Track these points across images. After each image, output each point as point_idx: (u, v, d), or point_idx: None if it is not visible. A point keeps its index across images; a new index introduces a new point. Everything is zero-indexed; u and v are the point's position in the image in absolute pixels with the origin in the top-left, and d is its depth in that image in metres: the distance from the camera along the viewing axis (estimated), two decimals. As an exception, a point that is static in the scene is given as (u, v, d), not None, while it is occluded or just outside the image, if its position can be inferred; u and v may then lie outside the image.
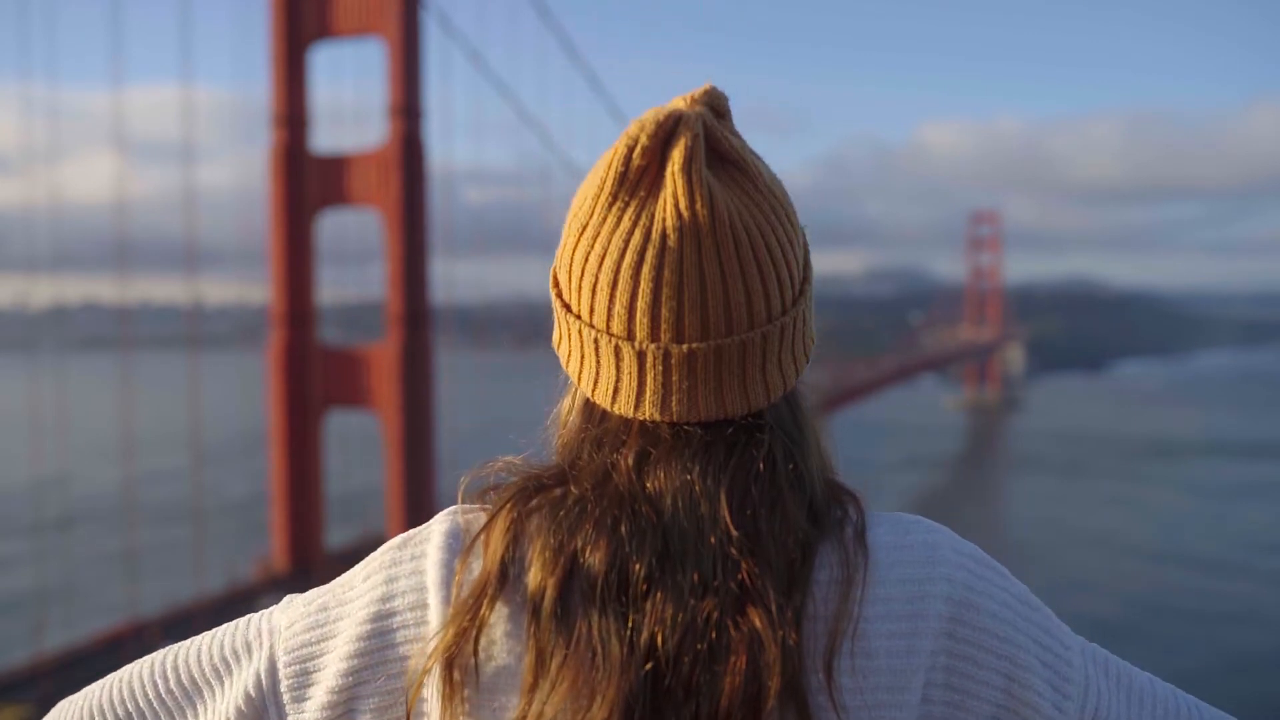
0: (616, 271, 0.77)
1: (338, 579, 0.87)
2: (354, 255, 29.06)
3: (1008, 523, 47.69)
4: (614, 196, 0.78)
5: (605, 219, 0.78)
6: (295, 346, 25.93)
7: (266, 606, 0.89)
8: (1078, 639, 0.84)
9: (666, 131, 0.77)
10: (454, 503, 0.86)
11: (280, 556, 25.55)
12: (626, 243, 0.77)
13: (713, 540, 0.75)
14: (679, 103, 0.81)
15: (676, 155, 0.76)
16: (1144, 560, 38.16)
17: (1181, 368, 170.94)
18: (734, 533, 0.74)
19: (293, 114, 25.78)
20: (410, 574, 0.81)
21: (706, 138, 0.79)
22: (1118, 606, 32.35)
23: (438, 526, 0.83)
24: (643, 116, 0.79)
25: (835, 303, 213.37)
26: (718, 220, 0.76)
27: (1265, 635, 29.33)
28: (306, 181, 25.71)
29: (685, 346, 0.77)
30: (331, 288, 28.53)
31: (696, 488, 0.76)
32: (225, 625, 0.89)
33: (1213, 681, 24.36)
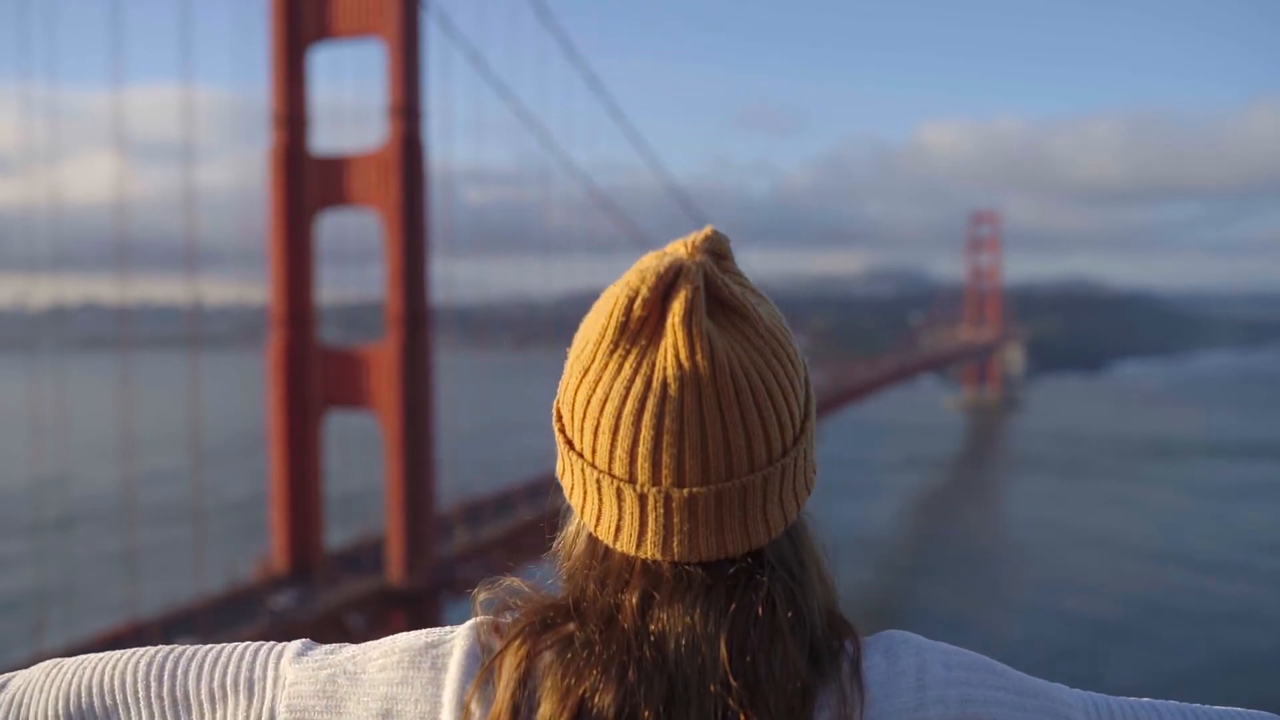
0: (618, 417, 0.78)
1: (352, 649, 0.88)
2: (354, 255, 29.02)
3: (1008, 523, 47.72)
4: (615, 344, 0.79)
5: (607, 365, 0.79)
6: (295, 347, 25.95)
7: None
8: (1079, 700, 0.86)
9: (666, 284, 0.78)
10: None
11: (280, 557, 25.52)
12: (628, 390, 0.78)
13: (713, 688, 0.76)
14: (680, 249, 0.82)
15: (677, 307, 0.78)
16: (1144, 560, 38.18)
17: (1181, 368, 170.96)
18: (733, 682, 0.76)
19: (293, 114, 25.80)
20: (428, 683, 0.83)
21: (707, 286, 0.80)
22: (1118, 606, 32.37)
23: (460, 644, 0.85)
24: (643, 264, 0.80)
25: (835, 303, 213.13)
26: (718, 369, 0.77)
27: (1265, 635, 29.35)
28: (306, 182, 25.73)
29: (686, 491, 0.78)
30: (331, 288, 28.52)
31: (698, 630, 0.78)
32: (230, 646, 0.90)
33: (1213, 681, 24.36)
